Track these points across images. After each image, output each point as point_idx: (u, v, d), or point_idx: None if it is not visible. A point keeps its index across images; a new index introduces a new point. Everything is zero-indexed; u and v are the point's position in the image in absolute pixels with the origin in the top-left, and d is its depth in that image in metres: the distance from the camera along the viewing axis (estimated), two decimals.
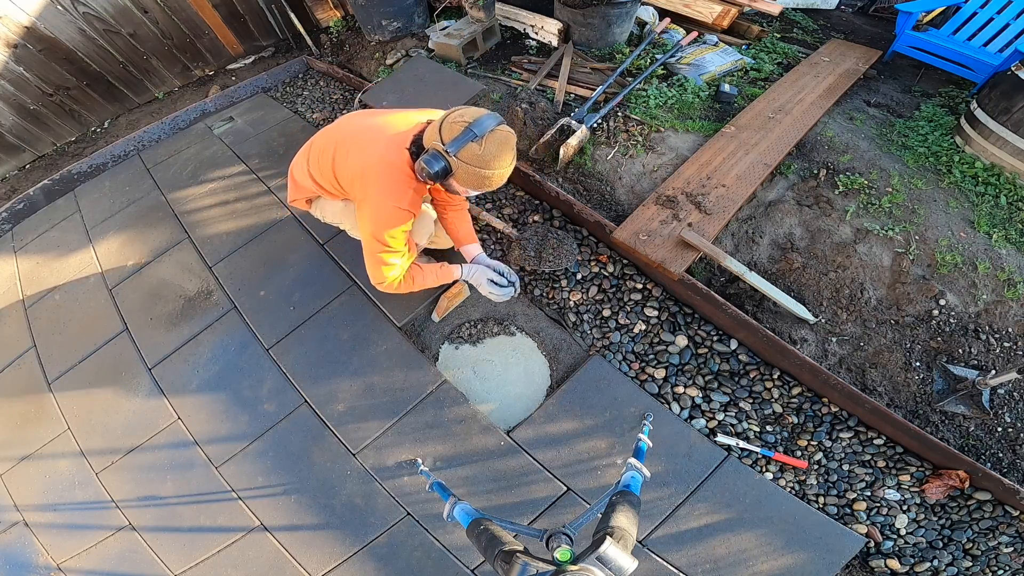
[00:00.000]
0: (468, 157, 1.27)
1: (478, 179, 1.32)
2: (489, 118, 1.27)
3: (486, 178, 1.32)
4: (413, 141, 1.40)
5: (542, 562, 0.85)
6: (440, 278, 1.80)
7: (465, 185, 1.37)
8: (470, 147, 1.25)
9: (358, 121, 1.58)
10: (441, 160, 1.29)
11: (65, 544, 1.92)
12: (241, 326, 2.29)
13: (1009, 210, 2.17)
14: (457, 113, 1.29)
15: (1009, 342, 1.93)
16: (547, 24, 3.10)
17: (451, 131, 1.27)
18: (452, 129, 1.27)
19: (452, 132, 1.26)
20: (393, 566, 1.72)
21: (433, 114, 1.53)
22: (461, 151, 1.26)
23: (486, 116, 1.27)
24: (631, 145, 2.56)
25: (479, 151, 1.26)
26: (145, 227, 2.77)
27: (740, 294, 2.17)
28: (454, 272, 1.83)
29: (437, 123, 1.31)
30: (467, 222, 1.95)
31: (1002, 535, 1.68)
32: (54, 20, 2.98)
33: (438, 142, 1.28)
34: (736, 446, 1.85)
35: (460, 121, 1.26)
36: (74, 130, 3.47)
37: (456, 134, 1.25)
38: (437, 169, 1.29)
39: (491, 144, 1.26)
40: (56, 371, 2.32)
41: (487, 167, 1.29)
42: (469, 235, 1.95)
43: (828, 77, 2.83)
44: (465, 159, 1.27)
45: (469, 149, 1.26)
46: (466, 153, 1.26)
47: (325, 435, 1.97)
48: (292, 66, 3.66)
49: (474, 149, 1.26)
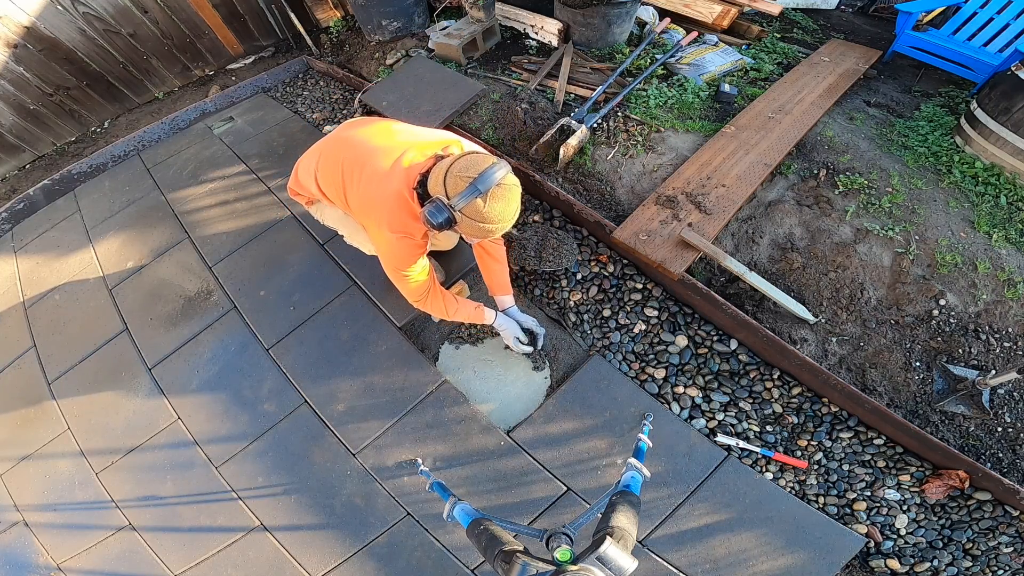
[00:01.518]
0: (471, 212, 1.26)
1: (481, 232, 1.32)
2: (494, 171, 1.24)
3: (489, 231, 1.32)
4: (420, 181, 1.38)
5: (542, 562, 0.85)
6: (472, 318, 1.82)
7: (468, 235, 1.37)
8: (474, 203, 1.24)
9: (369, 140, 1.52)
10: (444, 212, 1.27)
11: (65, 544, 1.92)
12: (241, 326, 2.29)
13: (1009, 210, 2.17)
14: (462, 165, 1.26)
15: (1009, 342, 1.93)
16: (547, 24, 3.10)
17: (455, 186, 1.25)
18: (456, 184, 1.25)
19: (456, 187, 1.25)
20: (393, 566, 1.72)
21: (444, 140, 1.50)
22: (464, 207, 1.25)
23: (491, 169, 1.24)
24: (631, 145, 2.56)
25: (483, 208, 1.25)
26: (145, 227, 2.77)
27: (740, 294, 2.17)
28: (486, 317, 1.85)
29: (443, 171, 1.29)
30: (503, 272, 1.92)
31: (1002, 535, 1.68)
32: (54, 20, 2.98)
33: (442, 194, 1.27)
34: (736, 446, 1.85)
35: (465, 176, 1.24)
36: (74, 130, 3.47)
37: (460, 190, 1.24)
38: (440, 221, 1.28)
39: (494, 201, 1.25)
40: (56, 371, 2.32)
41: (490, 222, 1.28)
42: (503, 286, 1.95)
43: (828, 77, 2.83)
44: (468, 214, 1.26)
45: (473, 205, 1.24)
46: (469, 209, 1.25)
47: (325, 435, 1.97)
48: (292, 66, 3.66)
49: (478, 205, 1.24)
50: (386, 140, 1.50)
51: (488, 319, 1.87)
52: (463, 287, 2.23)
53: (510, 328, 1.92)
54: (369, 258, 2.05)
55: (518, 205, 1.32)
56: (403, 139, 1.50)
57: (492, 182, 1.23)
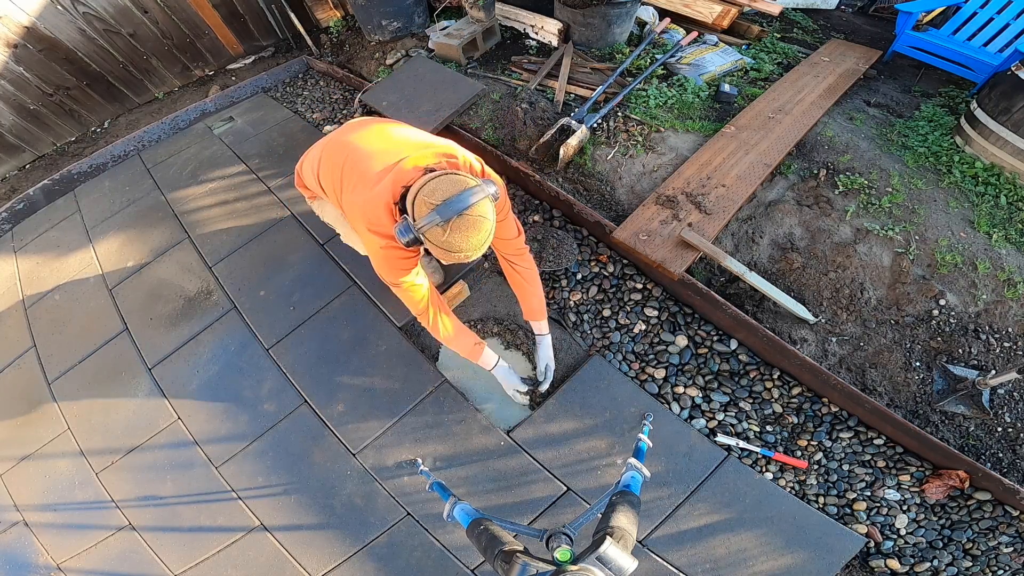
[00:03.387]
0: (432, 237, 1.24)
1: (447, 256, 1.29)
2: (461, 199, 1.20)
3: (455, 257, 1.29)
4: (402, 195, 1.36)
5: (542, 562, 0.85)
6: (471, 355, 1.75)
7: (437, 256, 1.33)
8: (434, 231, 1.22)
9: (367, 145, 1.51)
10: (409, 232, 1.26)
11: (65, 544, 1.92)
12: (241, 326, 2.29)
13: (1009, 210, 2.17)
14: (430, 188, 1.24)
15: (1009, 342, 1.93)
16: (547, 24, 3.10)
17: (420, 209, 1.23)
18: (420, 208, 1.23)
19: (420, 211, 1.23)
20: (393, 566, 1.72)
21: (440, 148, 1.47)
22: (426, 231, 1.23)
23: (458, 197, 1.20)
24: (631, 145, 2.56)
25: (443, 236, 1.22)
26: (145, 227, 2.77)
27: (740, 294, 2.17)
28: (485, 359, 1.78)
29: (415, 191, 1.26)
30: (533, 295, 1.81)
31: (1002, 535, 1.68)
32: (54, 20, 2.98)
33: (411, 215, 1.26)
34: (736, 446, 1.85)
35: (429, 202, 1.22)
36: (74, 130, 3.47)
37: (423, 214, 1.22)
38: (406, 240, 1.28)
39: (455, 232, 1.22)
40: (56, 371, 2.32)
41: (452, 249, 1.26)
42: (533, 311, 1.84)
43: (828, 77, 2.83)
44: (430, 238, 1.25)
45: (433, 232, 1.22)
46: (431, 234, 1.23)
47: (325, 435, 1.97)
48: (292, 66, 3.66)
49: (438, 233, 1.22)
50: (383, 146, 1.49)
51: (487, 363, 1.79)
52: (463, 288, 2.23)
53: (508, 380, 1.85)
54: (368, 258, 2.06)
55: (484, 236, 1.28)
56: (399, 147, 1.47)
57: (454, 212, 1.20)
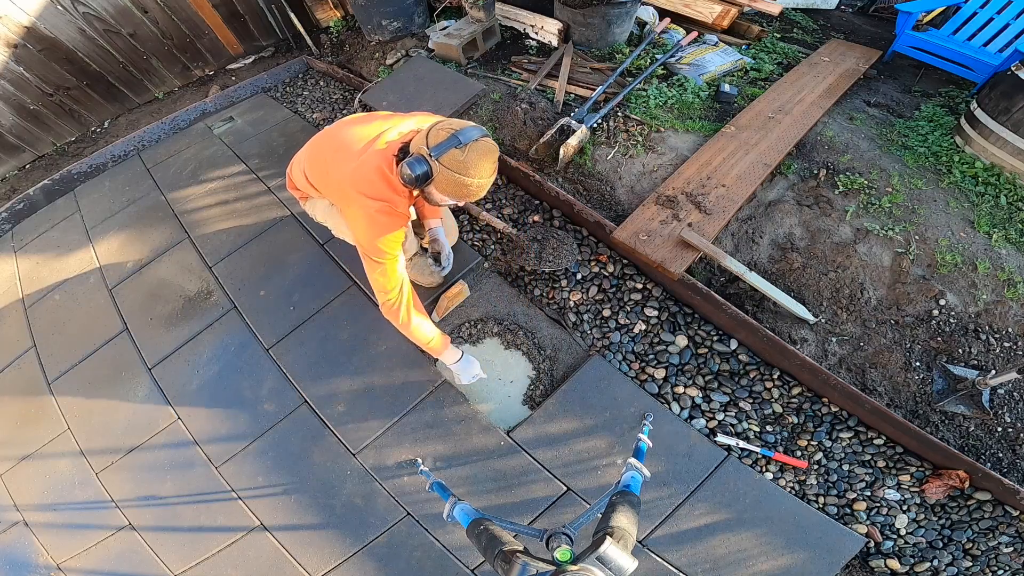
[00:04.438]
0: (449, 162, 1.30)
1: (457, 186, 1.35)
2: (475, 129, 1.32)
3: (465, 185, 1.35)
4: (401, 148, 1.44)
5: (542, 562, 0.85)
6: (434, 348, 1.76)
7: (444, 192, 1.40)
8: (452, 153, 1.29)
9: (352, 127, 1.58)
10: (424, 164, 1.31)
11: (65, 544, 1.92)
12: (241, 326, 2.29)
13: (1009, 210, 2.17)
14: (445, 122, 1.35)
15: (1009, 342, 1.93)
16: (547, 24, 3.10)
17: (436, 137, 1.31)
18: (437, 135, 1.31)
19: (437, 138, 1.31)
20: (393, 566, 1.72)
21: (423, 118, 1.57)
22: (443, 156, 1.30)
23: (472, 127, 1.33)
24: (631, 145, 2.56)
25: (461, 157, 1.30)
26: (145, 227, 2.77)
27: (740, 294, 2.17)
28: (446, 355, 1.81)
29: (425, 130, 1.35)
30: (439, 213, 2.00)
31: (1002, 535, 1.68)
32: (54, 20, 2.98)
33: (423, 146, 1.33)
34: (736, 446, 1.85)
35: (447, 128, 1.31)
36: (74, 130, 3.47)
37: (441, 139, 1.30)
38: (419, 172, 1.32)
39: (473, 152, 1.30)
40: (56, 371, 2.32)
41: (467, 174, 1.32)
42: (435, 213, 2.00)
43: (828, 77, 2.83)
44: (446, 164, 1.31)
45: (451, 155, 1.29)
46: (448, 158, 1.30)
47: (325, 435, 1.97)
48: (292, 66, 3.66)
49: (456, 155, 1.29)
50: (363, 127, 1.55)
51: (448, 357, 1.81)
52: (463, 287, 2.23)
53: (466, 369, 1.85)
54: None
55: (495, 167, 1.39)
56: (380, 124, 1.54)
57: (472, 136, 1.30)
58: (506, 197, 2.57)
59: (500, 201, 2.56)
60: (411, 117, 1.60)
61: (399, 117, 1.61)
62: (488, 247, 2.40)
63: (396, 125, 1.53)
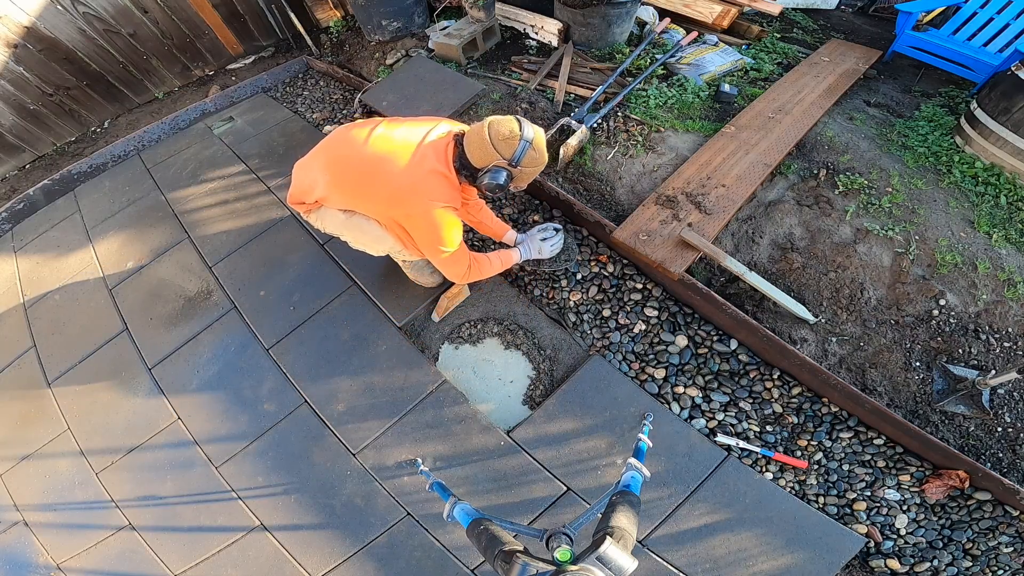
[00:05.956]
0: (528, 162, 1.54)
1: (533, 173, 1.60)
2: (524, 125, 1.50)
3: (537, 169, 1.59)
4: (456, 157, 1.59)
5: (542, 562, 0.85)
6: (504, 263, 1.94)
7: (524, 181, 1.62)
8: (530, 155, 1.52)
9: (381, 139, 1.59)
10: (503, 172, 1.53)
11: (65, 544, 1.92)
12: (241, 326, 2.29)
13: (1009, 210, 2.17)
14: (500, 132, 1.49)
15: (1009, 342, 1.93)
16: (547, 24, 3.10)
17: (509, 147, 1.49)
18: (509, 145, 1.49)
19: (511, 147, 1.49)
20: (393, 566, 1.72)
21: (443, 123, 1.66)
22: (524, 160, 1.52)
23: (519, 121, 1.51)
24: (631, 145, 2.56)
25: (535, 155, 1.53)
26: (145, 227, 2.77)
27: (740, 294, 2.17)
28: (514, 256, 1.98)
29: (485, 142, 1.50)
30: (492, 216, 2.10)
31: (1002, 535, 1.68)
32: (54, 20, 2.98)
33: (499, 159, 1.51)
34: (736, 446, 1.85)
35: (513, 136, 1.49)
36: (74, 130, 3.47)
37: (516, 148, 1.49)
38: (503, 181, 1.54)
39: (538, 147, 1.53)
40: (56, 371, 2.32)
41: (539, 162, 1.57)
42: (502, 225, 2.13)
43: (828, 77, 2.82)
44: (527, 164, 1.54)
45: (529, 157, 1.52)
46: (527, 160, 1.53)
47: (325, 435, 1.97)
48: (292, 66, 3.66)
49: (532, 156, 1.53)
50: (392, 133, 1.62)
51: (516, 257, 1.99)
52: (462, 287, 2.23)
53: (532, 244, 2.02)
54: (369, 258, 2.05)
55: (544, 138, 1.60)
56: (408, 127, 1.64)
57: (530, 132, 1.50)
58: (506, 197, 2.57)
59: (500, 201, 2.57)
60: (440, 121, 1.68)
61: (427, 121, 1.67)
62: (488, 247, 2.40)
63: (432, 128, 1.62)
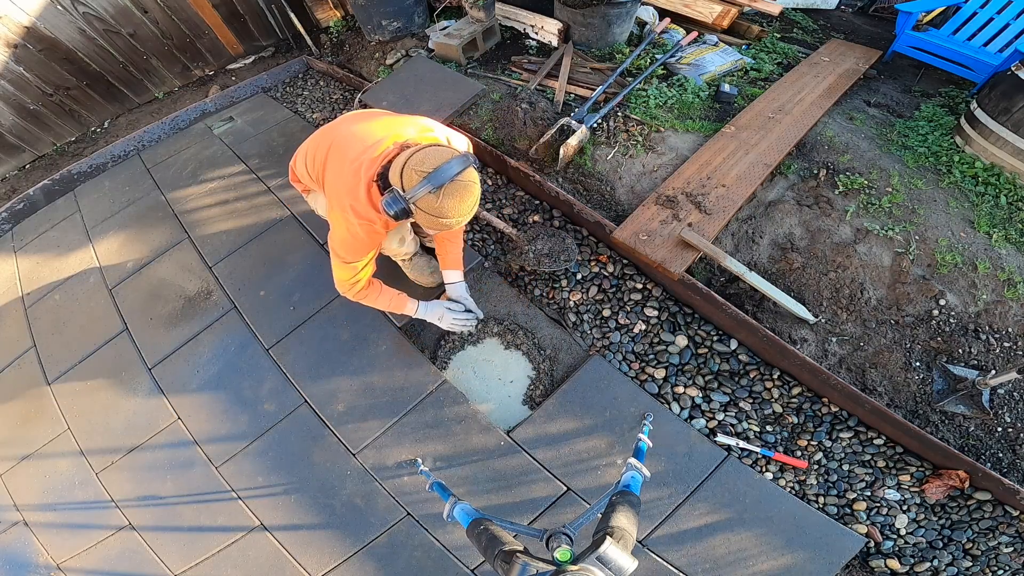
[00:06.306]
0: (424, 206, 1.29)
1: (437, 224, 1.34)
2: (450, 166, 1.26)
3: (446, 224, 1.34)
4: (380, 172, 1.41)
5: (542, 562, 0.85)
6: (392, 307, 1.84)
7: (425, 226, 1.39)
8: (427, 198, 1.27)
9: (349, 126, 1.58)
10: (400, 203, 1.30)
11: (65, 544, 1.92)
12: (241, 326, 2.29)
13: (1009, 210, 2.17)
14: (419, 159, 1.29)
15: (1009, 342, 1.93)
16: (547, 24, 3.10)
17: (410, 179, 1.28)
18: (411, 177, 1.27)
19: (411, 181, 1.27)
20: (393, 566, 1.72)
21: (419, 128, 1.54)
22: (418, 200, 1.28)
23: (447, 165, 1.25)
24: (631, 145, 2.56)
25: (436, 203, 1.27)
26: (145, 227, 2.77)
27: (740, 294, 2.17)
28: (407, 307, 1.88)
29: (401, 163, 1.31)
30: (457, 249, 1.95)
31: (1002, 535, 1.68)
32: (54, 20, 2.98)
33: (399, 186, 1.30)
34: (736, 446, 1.85)
35: (420, 170, 1.26)
36: (74, 130, 3.47)
37: (414, 183, 1.27)
38: (396, 211, 1.31)
39: (448, 197, 1.27)
40: (56, 371, 2.32)
41: (443, 216, 1.31)
42: (456, 261, 1.96)
43: (828, 77, 2.82)
44: (422, 207, 1.30)
45: (426, 200, 1.27)
46: (423, 202, 1.28)
47: (325, 435, 1.97)
48: (292, 66, 3.66)
49: (431, 200, 1.27)
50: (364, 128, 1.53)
51: (409, 309, 1.88)
52: None
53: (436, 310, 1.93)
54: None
55: (475, 200, 1.34)
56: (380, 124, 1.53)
57: (446, 178, 1.25)
58: (506, 197, 2.58)
59: (500, 201, 2.57)
60: (412, 123, 1.57)
61: (400, 121, 1.58)
62: (488, 247, 2.40)
63: (396, 129, 1.51)
